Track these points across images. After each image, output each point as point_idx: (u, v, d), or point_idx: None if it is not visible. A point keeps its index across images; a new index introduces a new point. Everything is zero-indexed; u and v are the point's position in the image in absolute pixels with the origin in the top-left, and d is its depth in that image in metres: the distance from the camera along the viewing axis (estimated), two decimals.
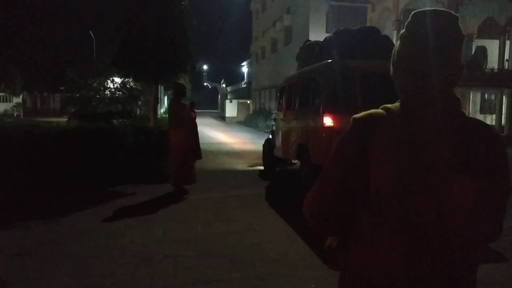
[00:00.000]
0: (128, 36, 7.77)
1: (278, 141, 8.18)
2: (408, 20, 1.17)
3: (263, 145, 9.62)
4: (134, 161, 7.56)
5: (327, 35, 7.65)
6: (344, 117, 5.46)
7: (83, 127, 7.80)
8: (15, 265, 3.78)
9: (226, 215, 5.60)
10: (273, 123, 8.94)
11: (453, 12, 1.14)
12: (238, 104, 38.58)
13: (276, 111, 8.69)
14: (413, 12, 1.16)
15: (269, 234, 4.80)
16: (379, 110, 1.17)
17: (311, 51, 7.36)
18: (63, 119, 17.36)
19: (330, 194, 1.18)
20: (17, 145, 6.55)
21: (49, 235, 4.64)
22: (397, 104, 1.18)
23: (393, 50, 1.22)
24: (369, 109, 1.19)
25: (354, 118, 1.18)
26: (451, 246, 1.07)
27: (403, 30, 1.18)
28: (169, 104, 7.09)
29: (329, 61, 6.24)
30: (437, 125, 1.10)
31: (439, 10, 1.13)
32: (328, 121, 5.78)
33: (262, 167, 9.72)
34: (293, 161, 8.28)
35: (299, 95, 7.14)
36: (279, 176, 8.86)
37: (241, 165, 10.68)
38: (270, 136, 9.16)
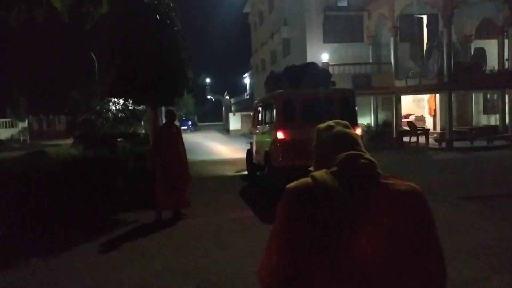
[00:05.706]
0: (124, 64, 7.89)
1: (254, 150, 10.43)
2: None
3: (246, 153, 11.73)
4: (135, 187, 7.62)
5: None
6: (291, 131, 8.02)
7: (83, 157, 7.83)
8: None
9: (226, 241, 5.59)
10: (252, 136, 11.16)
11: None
12: (242, 116, 38.55)
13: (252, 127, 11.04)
14: (316, 127, 1.45)
15: None
16: (308, 180, 1.26)
17: (275, 79, 9.57)
18: (69, 141, 17.52)
19: (277, 259, 1.24)
20: (16, 179, 6.58)
21: (49, 273, 4.65)
22: (322, 172, 1.26)
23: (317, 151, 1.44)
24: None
25: (287, 188, 1.29)
26: None
27: (314, 142, 1.42)
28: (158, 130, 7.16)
29: (280, 90, 8.72)
30: (358, 193, 1.19)
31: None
32: (280, 135, 8.08)
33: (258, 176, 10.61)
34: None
35: (264, 114, 9.50)
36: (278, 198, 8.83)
37: (245, 182, 10.68)
38: (250, 147, 11.34)
